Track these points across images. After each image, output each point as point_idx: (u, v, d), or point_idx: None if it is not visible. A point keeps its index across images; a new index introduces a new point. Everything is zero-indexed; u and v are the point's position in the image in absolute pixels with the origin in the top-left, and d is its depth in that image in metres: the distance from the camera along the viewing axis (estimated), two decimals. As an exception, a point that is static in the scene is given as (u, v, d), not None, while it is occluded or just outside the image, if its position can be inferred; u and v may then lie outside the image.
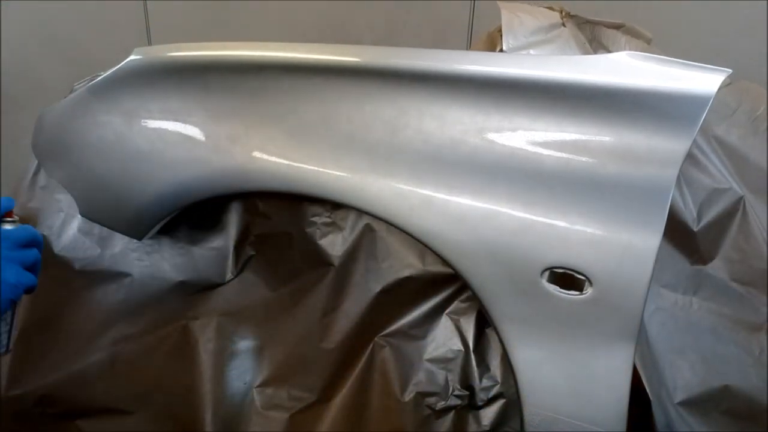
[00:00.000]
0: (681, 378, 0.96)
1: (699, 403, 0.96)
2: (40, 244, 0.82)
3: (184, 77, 0.92)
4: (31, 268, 0.78)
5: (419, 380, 0.96)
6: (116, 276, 1.07)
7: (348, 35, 2.07)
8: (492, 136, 0.80)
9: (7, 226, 0.82)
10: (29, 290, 0.77)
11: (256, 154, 0.89)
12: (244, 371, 1.02)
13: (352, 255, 0.97)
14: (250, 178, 0.90)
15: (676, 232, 0.99)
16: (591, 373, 0.79)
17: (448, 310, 0.98)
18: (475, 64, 0.81)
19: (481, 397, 0.96)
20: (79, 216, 1.06)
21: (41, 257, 0.81)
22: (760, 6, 1.73)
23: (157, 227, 1.00)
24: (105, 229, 1.05)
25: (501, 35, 0.96)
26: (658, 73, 0.75)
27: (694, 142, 0.75)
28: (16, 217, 0.84)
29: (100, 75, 0.97)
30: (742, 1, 1.74)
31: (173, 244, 1.04)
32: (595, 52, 1.11)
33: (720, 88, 0.73)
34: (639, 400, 0.87)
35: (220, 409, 1.01)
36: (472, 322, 0.96)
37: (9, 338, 0.83)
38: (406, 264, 0.96)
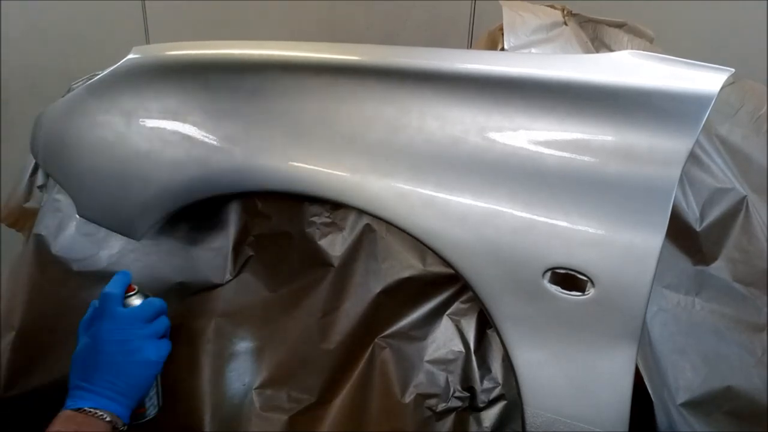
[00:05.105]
0: (683, 379, 0.96)
1: (701, 404, 0.96)
2: (165, 308, 0.86)
3: (182, 76, 0.92)
4: (164, 334, 0.84)
5: (420, 381, 0.96)
6: (114, 276, 1.07)
7: (348, 35, 2.07)
8: (493, 135, 0.80)
9: (135, 301, 0.85)
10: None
11: (256, 153, 0.88)
12: (243, 373, 1.01)
13: (352, 255, 0.96)
14: (250, 177, 0.89)
15: (679, 232, 0.98)
16: (593, 374, 0.79)
17: (448, 311, 0.97)
18: (476, 62, 0.81)
19: (482, 398, 0.95)
20: (77, 216, 1.05)
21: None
22: (762, 5, 1.73)
23: (155, 227, 1.00)
24: (103, 229, 1.04)
25: (502, 34, 0.95)
26: (661, 72, 0.74)
27: (697, 141, 0.75)
28: (135, 288, 0.87)
29: (97, 74, 0.97)
30: (745, 1, 1.74)
31: (171, 244, 1.04)
32: (597, 50, 1.11)
33: (723, 87, 0.72)
34: (641, 401, 0.86)
35: (219, 411, 1.01)
36: (473, 323, 0.96)
37: (158, 397, 0.89)
38: (407, 264, 0.95)
